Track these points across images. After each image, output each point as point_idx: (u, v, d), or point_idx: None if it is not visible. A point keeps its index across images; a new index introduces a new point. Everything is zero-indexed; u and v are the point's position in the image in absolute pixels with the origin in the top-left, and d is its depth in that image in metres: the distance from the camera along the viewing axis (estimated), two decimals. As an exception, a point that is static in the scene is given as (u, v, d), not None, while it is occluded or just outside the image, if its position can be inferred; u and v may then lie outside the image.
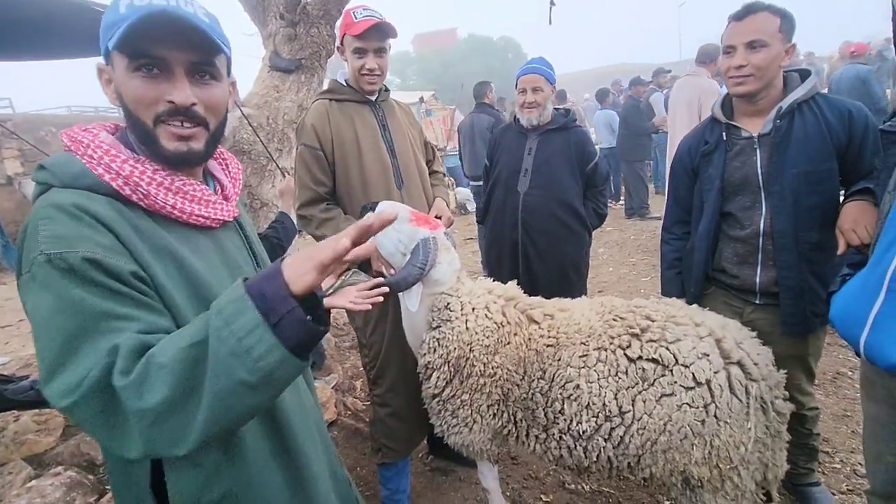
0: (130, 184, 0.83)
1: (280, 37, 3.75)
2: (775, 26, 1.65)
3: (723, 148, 1.82)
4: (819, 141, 1.65)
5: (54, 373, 0.69)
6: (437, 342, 1.69)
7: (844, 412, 2.67)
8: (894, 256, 1.18)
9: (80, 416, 0.69)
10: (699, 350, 1.47)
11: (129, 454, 0.69)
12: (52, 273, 0.72)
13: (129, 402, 0.67)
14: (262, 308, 0.68)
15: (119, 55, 0.82)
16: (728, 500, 1.49)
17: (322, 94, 2.14)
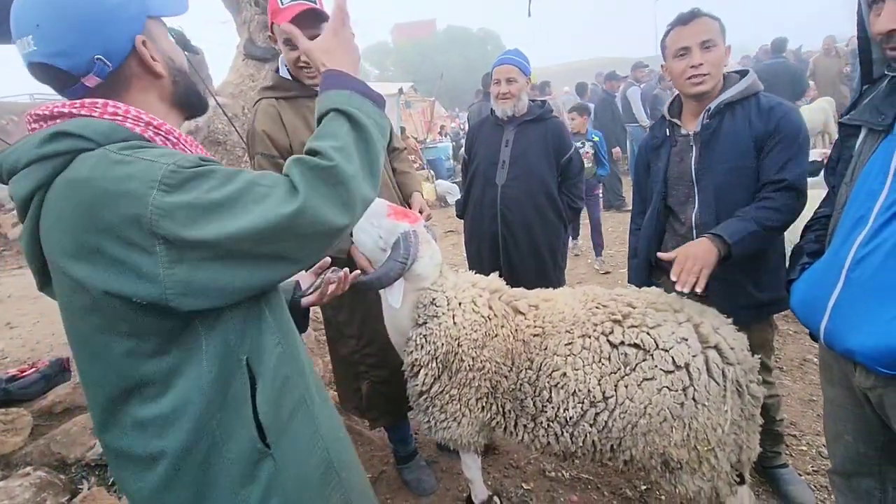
0: (162, 132, 0.87)
1: (255, 24, 3.66)
2: (717, 28, 1.75)
3: (668, 144, 1.94)
4: (744, 139, 1.73)
5: (269, 207, 0.78)
6: (425, 339, 1.68)
7: (811, 397, 2.78)
8: (852, 246, 1.23)
9: (310, 210, 0.80)
10: (678, 335, 1.51)
11: (344, 220, 0.85)
12: (187, 173, 0.76)
13: (344, 172, 0.84)
14: (365, 95, 0.95)
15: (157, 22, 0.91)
16: (705, 480, 1.54)
17: (266, 92, 1.92)
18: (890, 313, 1.13)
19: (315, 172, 0.82)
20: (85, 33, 0.81)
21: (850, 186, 1.30)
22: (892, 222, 1.15)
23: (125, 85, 0.88)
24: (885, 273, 1.16)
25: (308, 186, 0.81)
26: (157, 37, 0.90)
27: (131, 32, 0.85)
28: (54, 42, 0.81)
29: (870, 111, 1.27)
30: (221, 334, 0.85)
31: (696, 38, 1.73)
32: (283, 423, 0.91)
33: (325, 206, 0.82)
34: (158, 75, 0.90)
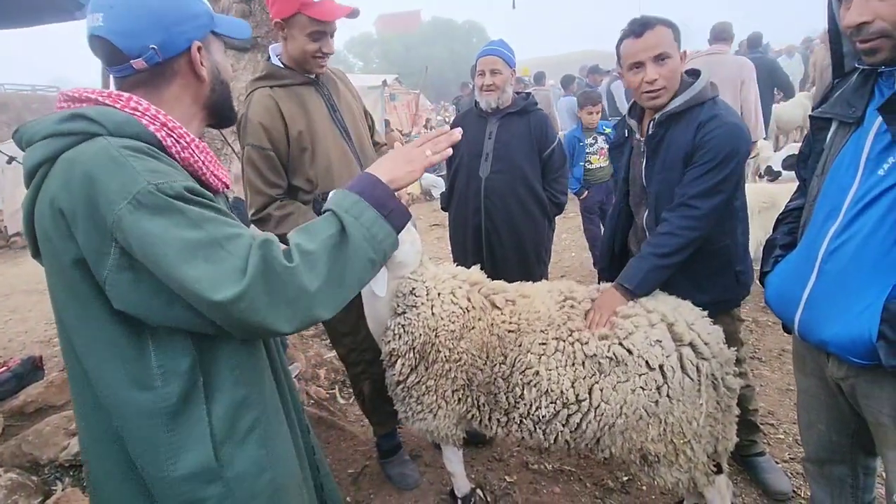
0: (175, 134, 0.90)
1: (233, 13, 3.57)
2: (671, 37, 1.69)
3: (627, 145, 1.99)
4: (680, 150, 1.73)
5: (215, 275, 0.77)
6: (403, 328, 1.68)
7: (788, 386, 2.84)
8: (824, 239, 1.24)
9: (245, 303, 0.78)
10: (652, 338, 1.53)
11: (284, 329, 0.82)
12: (161, 199, 0.78)
13: (299, 281, 0.82)
14: (377, 207, 0.94)
15: (218, 38, 1.01)
16: (682, 472, 1.56)
17: (261, 81, 1.89)
18: (862, 304, 1.15)
19: (270, 267, 0.80)
20: (152, 25, 0.90)
21: (821, 179, 1.31)
22: (863, 214, 1.17)
23: (169, 77, 0.95)
24: (856, 264, 1.17)
25: (256, 278, 0.79)
26: (213, 49, 1.01)
27: (191, 37, 0.94)
28: (120, 23, 0.89)
29: (840, 104, 1.28)
30: (173, 351, 0.86)
31: (649, 53, 1.68)
32: (238, 444, 0.92)
33: (264, 305, 0.79)
34: (201, 79, 0.98)
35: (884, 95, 1.18)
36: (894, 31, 1.07)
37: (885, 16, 1.06)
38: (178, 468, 0.85)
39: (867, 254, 1.15)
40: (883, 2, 1.06)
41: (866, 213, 1.16)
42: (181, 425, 0.86)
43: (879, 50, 1.10)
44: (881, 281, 1.13)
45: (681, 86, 1.76)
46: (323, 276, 0.84)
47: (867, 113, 1.21)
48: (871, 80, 1.22)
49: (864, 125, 1.21)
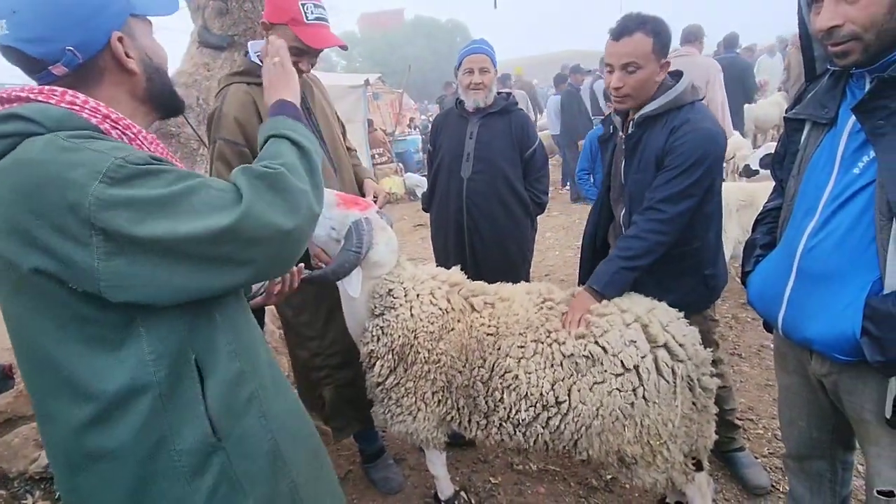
0: (120, 126, 0.85)
1: (210, 10, 3.49)
2: (648, 48, 1.67)
3: (613, 140, 2.02)
4: (653, 152, 1.74)
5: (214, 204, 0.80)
6: (381, 330, 1.66)
7: (767, 382, 2.88)
8: (801, 239, 1.26)
9: (257, 208, 0.82)
10: (626, 338, 1.53)
11: (290, 223, 0.86)
12: (133, 168, 0.76)
13: (292, 181, 0.88)
14: (298, 119, 1.05)
15: (142, 21, 0.93)
16: (659, 472, 1.57)
17: (237, 77, 1.87)
18: (843, 301, 1.16)
19: (260, 178, 0.85)
20: (60, 25, 0.83)
21: (797, 179, 1.33)
22: (839, 212, 1.19)
23: (97, 77, 0.88)
24: (834, 262, 1.19)
25: (252, 191, 0.83)
26: (138, 34, 0.92)
27: (109, 28, 0.86)
28: (26, 29, 0.81)
29: (813, 105, 1.30)
30: (165, 333, 0.84)
31: (620, 60, 1.69)
32: (236, 418, 0.92)
33: (269, 209, 0.83)
34: (131, 72, 0.90)
35: (855, 96, 1.20)
36: (864, 35, 1.08)
37: (854, 19, 1.08)
38: (178, 445, 0.85)
39: (845, 251, 1.17)
40: (852, 5, 1.08)
41: (842, 211, 1.18)
42: (177, 406, 0.85)
43: (850, 53, 1.12)
44: (860, 278, 1.15)
45: (660, 88, 1.76)
46: (307, 177, 0.92)
47: (840, 113, 1.23)
48: (842, 82, 1.24)
49: (838, 125, 1.23)
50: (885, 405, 1.17)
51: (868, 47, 1.09)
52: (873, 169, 1.12)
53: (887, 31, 1.07)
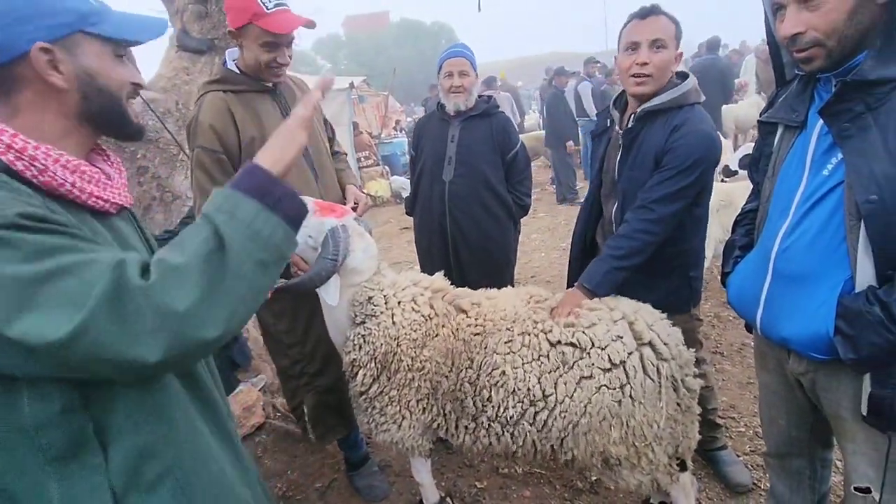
0: (25, 157, 0.77)
1: (189, 14, 3.44)
2: (672, 31, 1.71)
3: (607, 135, 1.98)
4: (652, 149, 1.75)
5: (50, 313, 0.64)
6: (363, 339, 1.64)
7: (749, 380, 2.92)
8: (775, 240, 1.28)
9: (89, 338, 0.64)
10: (613, 333, 1.54)
11: (151, 358, 0.67)
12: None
13: (161, 301, 0.67)
14: (257, 197, 0.78)
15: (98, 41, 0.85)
16: (644, 474, 1.58)
17: (213, 85, 1.86)
18: (817, 301, 1.19)
19: (120, 290, 0.66)
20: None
21: (772, 181, 1.35)
22: (810, 213, 1.21)
23: (16, 85, 0.81)
24: (807, 262, 1.21)
25: (100, 305, 0.65)
26: (83, 52, 0.84)
27: (32, 38, 0.79)
28: None
29: (784, 109, 1.33)
30: (49, 395, 0.74)
31: (648, 36, 1.69)
32: (144, 493, 0.81)
33: (114, 335, 0.66)
34: (58, 88, 0.82)
35: (823, 99, 1.22)
36: (826, 41, 1.11)
37: (816, 26, 1.11)
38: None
39: (817, 251, 1.19)
40: (813, 13, 1.10)
41: (814, 212, 1.21)
42: (74, 475, 0.76)
43: (814, 59, 1.15)
44: (832, 277, 1.17)
45: (668, 84, 1.77)
46: (197, 291, 0.70)
47: (809, 116, 1.26)
48: (810, 86, 1.27)
49: (808, 128, 1.26)
50: (860, 402, 1.19)
51: (831, 53, 1.12)
52: (842, 170, 1.15)
53: (848, 37, 1.10)
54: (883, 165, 1.06)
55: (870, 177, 1.08)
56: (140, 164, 3.15)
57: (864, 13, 1.09)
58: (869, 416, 1.17)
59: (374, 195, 9.01)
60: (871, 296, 1.09)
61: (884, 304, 1.07)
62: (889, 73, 1.07)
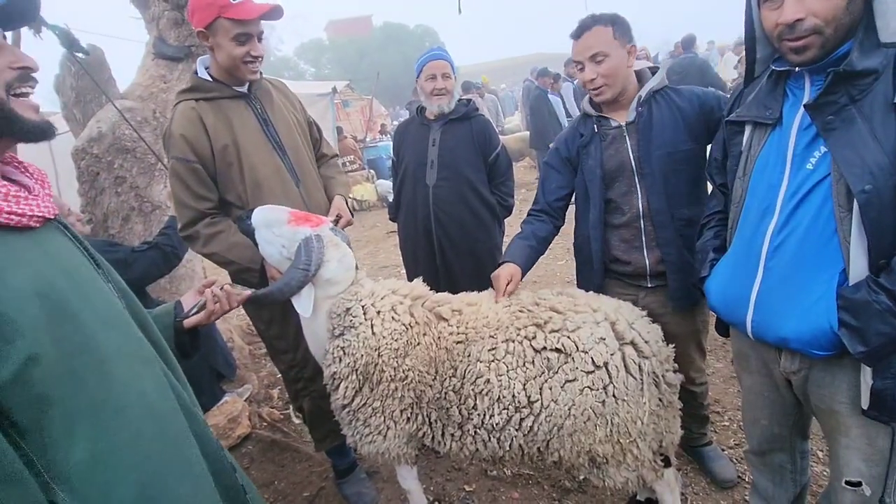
0: None
1: (165, 21, 3.40)
2: (609, 36, 1.73)
3: (597, 139, 1.90)
4: (674, 124, 1.77)
5: None
6: (343, 350, 1.61)
7: (732, 374, 2.95)
8: (764, 237, 1.27)
9: None
10: (596, 335, 1.54)
11: None
12: None
13: None
14: None
15: None
16: (630, 471, 1.58)
17: (184, 94, 1.85)
18: (813, 296, 1.18)
19: None
20: None
21: (744, 180, 1.35)
22: (799, 208, 1.21)
23: None
24: (801, 257, 1.20)
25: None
26: None
27: None
28: None
29: (756, 107, 1.32)
30: None
31: (586, 53, 1.75)
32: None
33: None
34: None
35: (796, 95, 1.23)
36: (825, 28, 1.10)
37: (817, 12, 1.09)
38: None
39: (809, 246, 1.19)
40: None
41: (802, 207, 1.20)
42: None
43: (809, 47, 1.13)
44: (827, 270, 1.16)
45: (641, 76, 1.84)
46: None
47: (783, 112, 1.26)
48: (782, 82, 1.27)
49: (784, 124, 1.25)
50: (857, 396, 1.18)
51: (826, 42, 1.12)
52: (826, 163, 1.15)
53: (843, 26, 1.10)
54: (874, 154, 1.07)
55: (862, 167, 1.07)
56: (117, 174, 3.09)
57: (857, 1, 1.09)
58: (870, 409, 1.16)
59: (360, 199, 8.98)
60: (874, 285, 1.08)
61: (889, 291, 1.06)
62: (872, 63, 1.08)
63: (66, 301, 0.79)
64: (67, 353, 0.75)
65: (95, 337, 0.81)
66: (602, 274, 1.99)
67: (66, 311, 0.78)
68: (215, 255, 1.83)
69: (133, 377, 0.86)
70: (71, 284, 0.82)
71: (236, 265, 1.83)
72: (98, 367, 0.80)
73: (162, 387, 0.92)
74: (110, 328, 0.86)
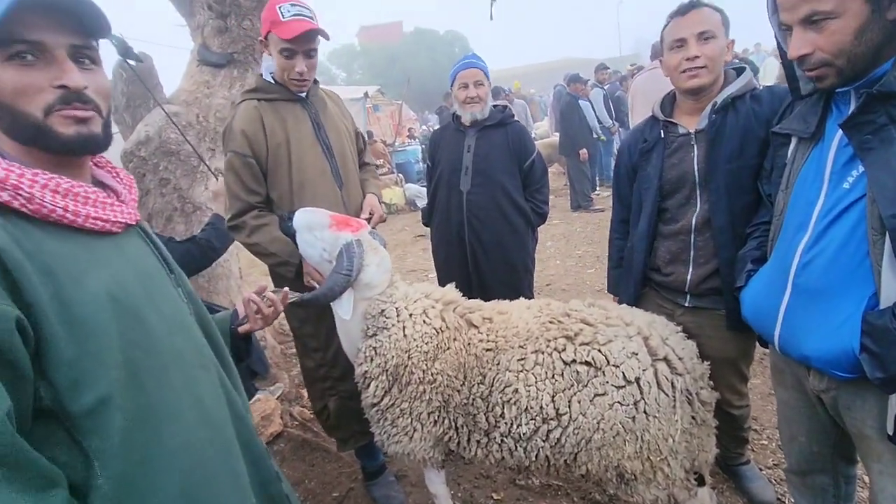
0: (8, 187, 0.73)
1: (209, 29, 3.53)
2: (718, 19, 1.65)
3: (661, 146, 1.80)
4: (748, 135, 1.63)
5: None
6: (374, 351, 1.65)
7: (771, 391, 2.85)
8: (795, 253, 1.25)
9: None
10: (628, 350, 1.52)
11: None
12: None
13: None
14: None
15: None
16: (660, 489, 1.55)
17: (248, 94, 1.99)
18: (839, 317, 1.15)
19: None
20: None
21: (786, 193, 1.33)
22: (832, 227, 1.18)
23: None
24: (829, 277, 1.18)
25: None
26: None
27: None
28: None
29: (798, 121, 1.31)
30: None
31: (693, 29, 1.62)
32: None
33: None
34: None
35: (841, 111, 1.20)
36: (835, 61, 1.10)
37: (822, 47, 1.10)
38: None
39: (840, 266, 1.16)
40: (819, 34, 1.10)
41: (835, 226, 1.17)
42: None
43: (824, 77, 1.14)
44: (856, 293, 1.13)
45: (727, 77, 1.71)
46: None
47: (826, 128, 1.23)
48: (824, 98, 1.25)
49: (825, 140, 1.23)
50: (886, 421, 1.15)
51: (841, 72, 1.11)
52: (863, 183, 1.12)
53: (858, 55, 1.09)
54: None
55: (895, 190, 1.04)
56: (162, 175, 3.23)
57: (874, 30, 1.06)
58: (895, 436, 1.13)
59: (389, 203, 9.08)
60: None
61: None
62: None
63: (138, 307, 0.82)
64: (132, 357, 0.79)
65: (161, 342, 0.84)
66: (639, 284, 1.93)
67: (136, 316, 0.81)
68: (258, 246, 1.91)
69: (191, 383, 0.89)
70: (144, 289, 0.86)
71: (276, 258, 1.90)
72: (159, 372, 0.83)
73: (217, 394, 0.95)
74: (175, 333, 0.89)
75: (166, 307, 0.90)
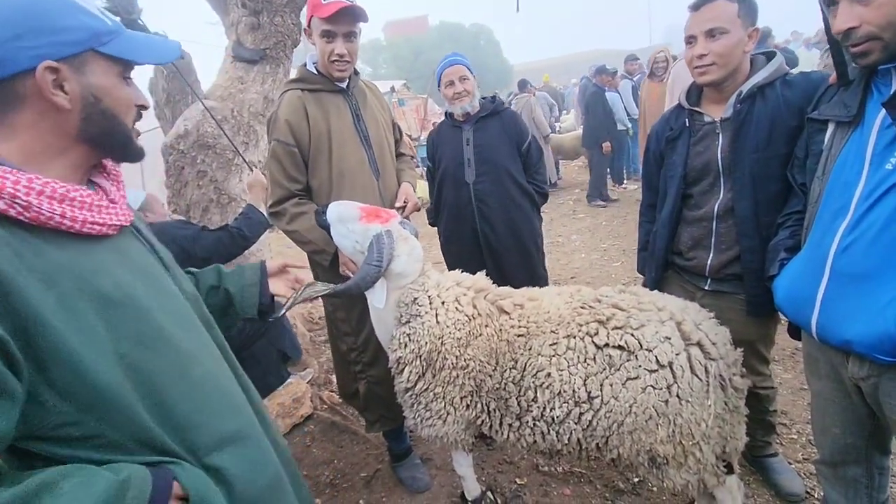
0: (4, 196, 0.72)
1: (243, 26, 3.64)
2: (733, 12, 1.61)
3: (686, 134, 1.81)
4: (776, 124, 1.61)
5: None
6: (408, 337, 1.69)
7: (801, 386, 2.80)
8: (834, 237, 1.24)
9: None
10: (661, 334, 1.52)
11: None
12: None
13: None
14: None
15: (108, 61, 0.85)
16: (691, 474, 1.56)
17: (292, 84, 2.05)
18: (883, 300, 1.14)
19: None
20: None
21: (823, 181, 1.31)
22: (873, 210, 1.17)
23: (14, 102, 0.78)
24: (871, 260, 1.17)
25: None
26: (91, 71, 0.83)
27: (39, 54, 0.76)
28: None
29: (838, 106, 1.29)
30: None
31: (702, 26, 1.62)
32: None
33: None
34: (59, 107, 0.80)
35: (881, 93, 1.18)
36: (882, 34, 1.09)
37: (870, 20, 1.08)
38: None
39: (881, 248, 1.15)
40: (866, 7, 1.08)
41: (877, 209, 1.16)
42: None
43: (870, 52, 1.12)
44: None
45: (755, 64, 1.69)
46: None
47: (867, 110, 1.21)
48: (864, 80, 1.23)
49: (865, 122, 1.21)
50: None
51: (888, 46, 1.09)
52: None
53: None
54: None
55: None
56: (199, 168, 3.36)
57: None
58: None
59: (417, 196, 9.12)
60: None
61: None
62: None
63: (147, 308, 0.86)
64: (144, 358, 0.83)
65: (174, 337, 0.89)
66: (661, 269, 1.98)
67: (146, 318, 0.85)
68: (297, 234, 1.98)
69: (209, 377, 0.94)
70: (147, 288, 0.89)
71: (313, 245, 1.98)
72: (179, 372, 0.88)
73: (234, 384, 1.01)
74: (183, 329, 0.93)
75: (170, 305, 0.93)
